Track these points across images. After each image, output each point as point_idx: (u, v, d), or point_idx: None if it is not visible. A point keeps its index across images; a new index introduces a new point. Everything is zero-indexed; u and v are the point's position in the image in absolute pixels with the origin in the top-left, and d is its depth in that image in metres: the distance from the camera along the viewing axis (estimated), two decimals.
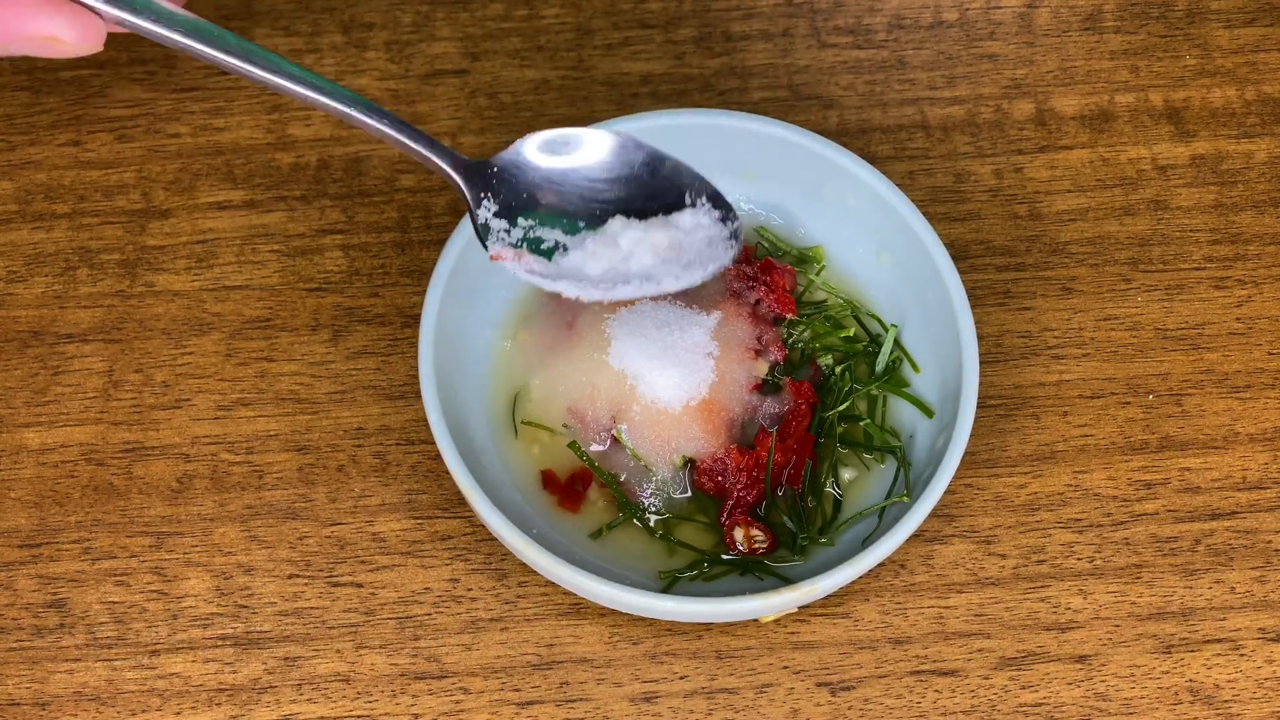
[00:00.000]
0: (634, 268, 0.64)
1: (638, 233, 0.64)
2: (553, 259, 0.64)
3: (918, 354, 0.69)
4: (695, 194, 0.65)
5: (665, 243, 0.64)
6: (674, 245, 0.64)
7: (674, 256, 0.64)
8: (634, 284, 0.63)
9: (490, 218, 0.63)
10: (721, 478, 0.66)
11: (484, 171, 0.64)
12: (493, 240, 0.63)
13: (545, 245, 0.64)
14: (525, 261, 0.63)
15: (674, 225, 0.65)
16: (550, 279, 0.63)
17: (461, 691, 0.65)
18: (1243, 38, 0.81)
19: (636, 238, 0.64)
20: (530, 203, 0.64)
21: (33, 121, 0.78)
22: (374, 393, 0.71)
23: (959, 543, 0.68)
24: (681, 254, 0.64)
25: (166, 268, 0.74)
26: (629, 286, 0.63)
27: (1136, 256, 0.75)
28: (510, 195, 0.64)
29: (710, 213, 0.65)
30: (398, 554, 0.68)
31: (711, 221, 0.65)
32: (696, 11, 0.81)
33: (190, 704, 0.65)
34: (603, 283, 0.63)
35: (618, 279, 0.64)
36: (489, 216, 0.63)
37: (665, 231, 0.64)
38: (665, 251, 0.64)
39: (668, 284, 0.63)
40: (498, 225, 0.64)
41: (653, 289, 0.63)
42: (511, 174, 0.64)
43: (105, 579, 0.67)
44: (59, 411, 0.71)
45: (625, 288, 0.63)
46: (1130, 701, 0.65)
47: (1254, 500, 0.69)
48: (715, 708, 0.65)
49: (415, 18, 0.81)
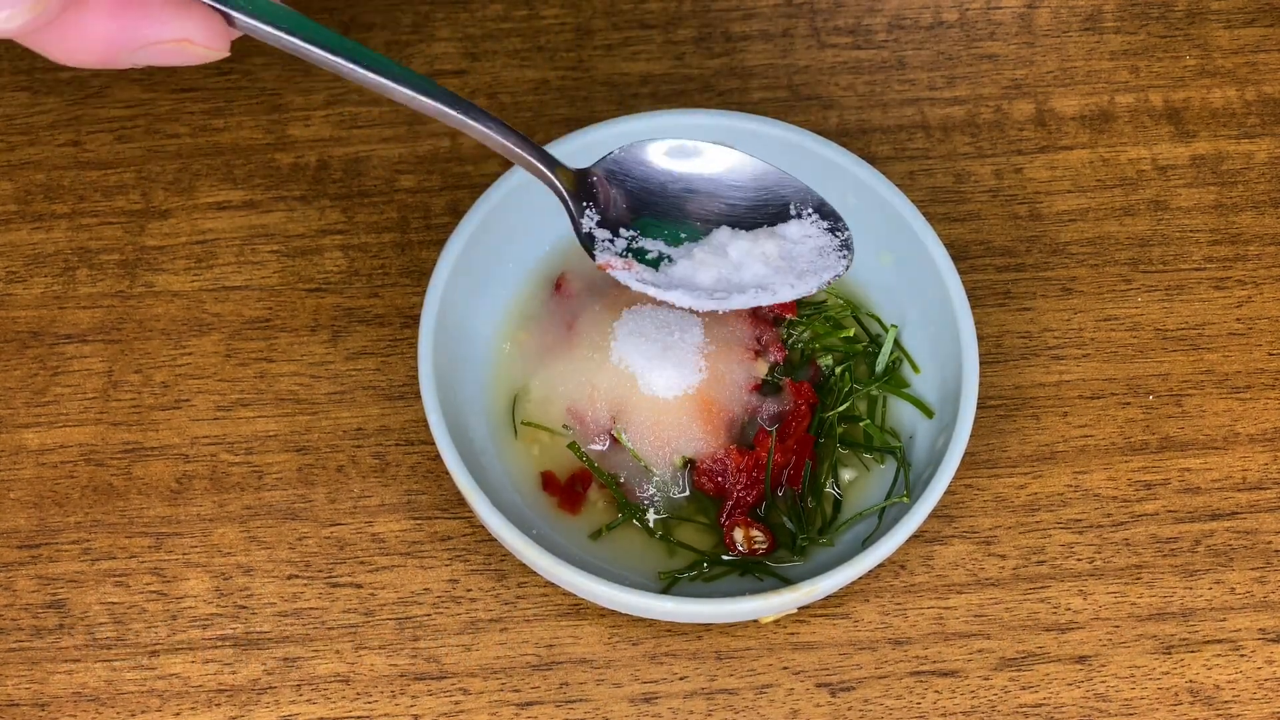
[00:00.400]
0: (747, 278, 0.63)
1: (745, 243, 0.63)
2: (659, 269, 0.63)
3: (918, 354, 0.69)
4: (800, 205, 0.64)
5: (775, 252, 0.63)
6: (785, 255, 0.63)
7: (786, 266, 0.63)
8: (750, 293, 0.62)
9: (594, 227, 0.62)
10: (721, 478, 0.66)
11: (585, 180, 0.63)
12: (599, 250, 0.62)
13: (649, 256, 0.63)
14: (635, 270, 0.62)
15: (781, 235, 0.64)
16: (662, 288, 0.62)
17: (461, 692, 0.65)
18: (1243, 38, 0.81)
19: (745, 248, 0.63)
20: (633, 213, 0.63)
21: (32, 121, 0.78)
22: (374, 393, 0.71)
23: (959, 543, 0.68)
24: (794, 263, 0.63)
25: (166, 268, 0.74)
26: (744, 296, 0.62)
27: (1136, 257, 0.75)
28: (612, 205, 0.63)
29: (818, 223, 0.64)
30: (397, 555, 0.68)
31: (819, 232, 0.63)
32: (696, 12, 0.81)
33: (190, 704, 0.65)
34: (717, 292, 0.62)
35: (732, 289, 0.62)
36: (592, 226, 0.62)
37: (773, 241, 0.63)
38: (777, 261, 0.63)
39: (784, 293, 0.62)
40: (601, 235, 0.62)
41: (769, 298, 0.62)
42: (614, 183, 0.63)
43: (105, 579, 0.67)
44: (58, 412, 0.71)
45: (741, 297, 0.62)
46: (1130, 702, 0.65)
47: (1254, 501, 0.69)
48: (715, 708, 0.65)
49: (415, 18, 0.81)
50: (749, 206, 0.64)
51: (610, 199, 0.63)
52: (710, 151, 0.64)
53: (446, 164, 0.77)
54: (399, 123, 0.78)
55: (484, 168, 0.76)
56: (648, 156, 0.64)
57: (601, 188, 0.63)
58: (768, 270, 0.63)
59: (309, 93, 0.78)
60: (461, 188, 0.76)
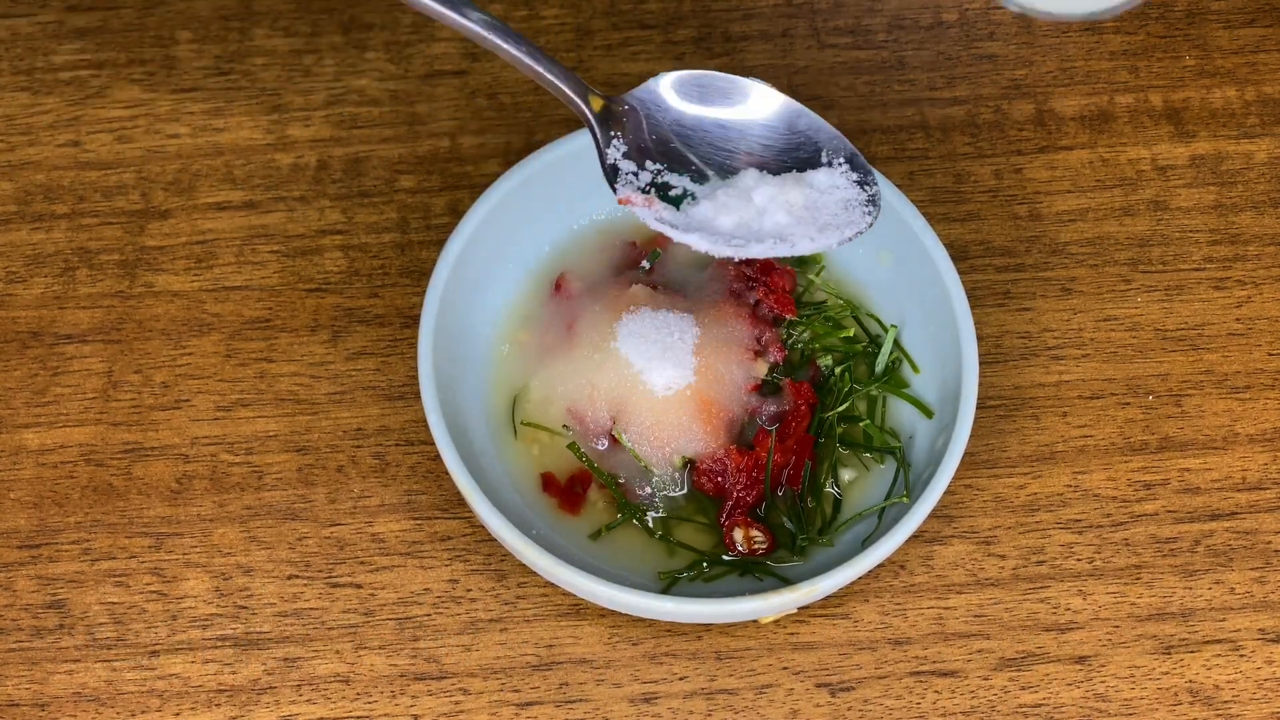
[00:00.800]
0: (767, 225, 0.61)
1: (771, 189, 0.61)
2: (680, 207, 0.61)
3: (917, 354, 0.69)
4: (833, 153, 0.62)
5: (800, 201, 0.61)
6: (809, 205, 0.61)
7: (809, 217, 0.61)
8: (768, 243, 0.60)
9: (619, 158, 0.61)
10: (721, 478, 0.66)
11: (616, 110, 0.61)
12: (621, 183, 0.61)
13: (673, 192, 0.62)
14: (655, 209, 0.61)
15: (808, 184, 0.62)
16: (680, 229, 0.61)
17: (461, 692, 0.65)
18: (1243, 38, 0.81)
19: (770, 194, 0.61)
20: (661, 146, 0.62)
21: (32, 122, 0.78)
22: (373, 393, 0.71)
23: (959, 543, 0.68)
24: (817, 214, 0.61)
25: (166, 268, 0.74)
26: (762, 245, 0.60)
27: (1136, 257, 0.75)
28: (641, 137, 0.61)
29: (847, 174, 0.62)
30: (397, 555, 0.68)
31: (848, 184, 0.62)
32: (696, 12, 0.81)
33: (190, 705, 0.65)
34: (735, 238, 0.61)
35: (750, 236, 0.61)
36: (618, 157, 0.61)
37: (800, 189, 0.62)
38: (800, 211, 0.61)
39: (802, 245, 0.61)
40: (626, 167, 0.61)
41: (786, 250, 0.60)
42: (644, 114, 0.62)
43: (105, 579, 0.67)
44: (58, 412, 0.71)
45: (758, 246, 0.60)
46: (1130, 702, 0.65)
47: (1254, 501, 0.69)
48: (715, 708, 0.65)
49: (415, 18, 0.81)
50: (780, 149, 0.63)
51: (640, 130, 0.62)
52: (747, 89, 0.63)
53: (446, 164, 0.77)
54: (399, 123, 0.78)
55: (484, 168, 0.76)
56: (684, 90, 0.63)
57: (632, 118, 0.62)
58: (790, 220, 0.61)
59: (309, 93, 0.78)
60: (461, 188, 0.76)
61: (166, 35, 0.80)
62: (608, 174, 0.61)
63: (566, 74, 0.61)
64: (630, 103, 0.62)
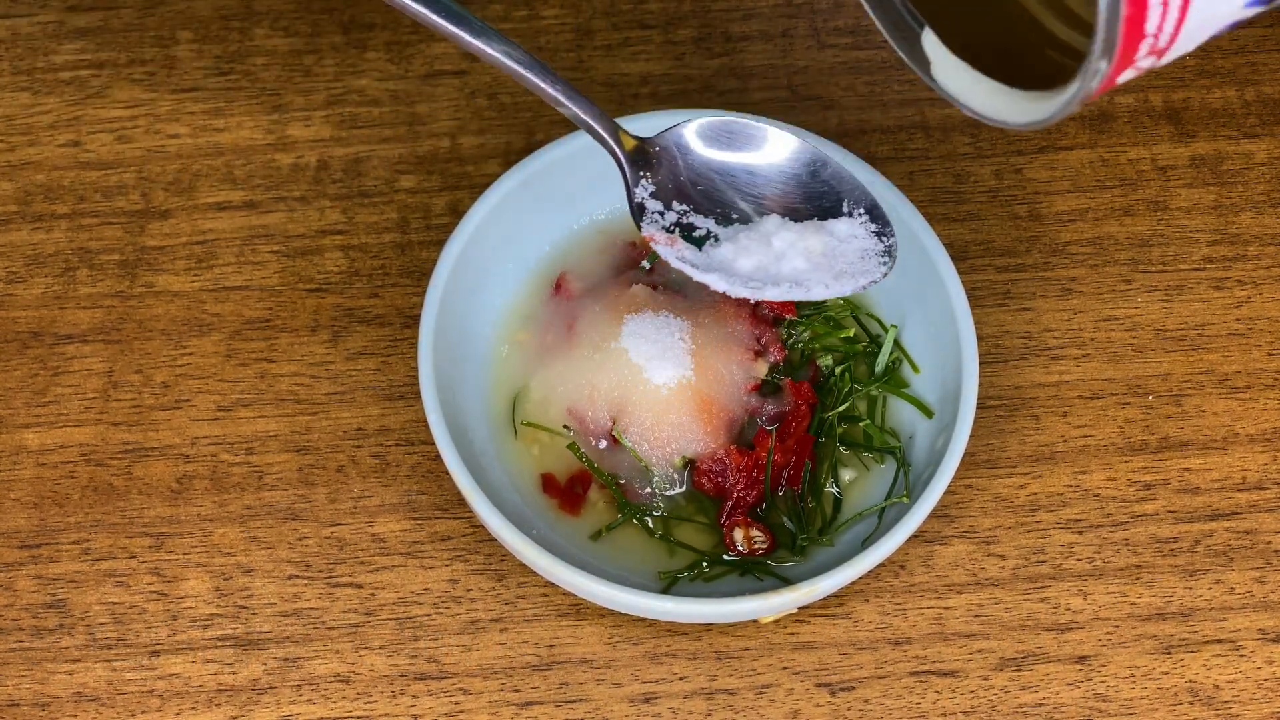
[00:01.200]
0: (785, 270, 0.63)
1: (792, 235, 0.63)
2: (702, 248, 0.64)
3: (917, 354, 0.69)
4: (854, 204, 0.64)
5: (819, 248, 0.63)
6: (827, 252, 0.63)
7: (825, 264, 0.63)
8: (784, 287, 0.62)
9: (646, 198, 0.64)
10: (721, 478, 0.66)
11: (648, 150, 0.63)
12: (647, 221, 0.63)
13: (697, 233, 0.64)
14: (678, 248, 0.63)
15: (828, 232, 0.64)
16: (700, 269, 0.63)
17: (461, 692, 0.65)
18: (1243, 38, 0.81)
19: (790, 240, 0.63)
20: (688, 188, 0.64)
21: (32, 122, 0.78)
22: (374, 393, 0.71)
23: (959, 543, 0.68)
24: (834, 262, 0.63)
25: (166, 268, 0.74)
26: (778, 289, 0.62)
27: (1136, 257, 0.75)
28: (669, 178, 0.64)
29: (867, 225, 0.64)
30: (397, 555, 0.68)
31: (866, 234, 0.64)
32: (696, 12, 0.81)
33: (190, 705, 0.65)
34: (752, 281, 0.63)
35: (767, 279, 0.63)
36: (645, 196, 0.64)
37: (819, 237, 0.64)
38: (818, 258, 0.63)
39: (817, 292, 0.62)
40: (653, 206, 0.63)
41: (801, 294, 0.62)
42: (672, 156, 0.64)
43: (105, 579, 0.67)
44: (59, 412, 0.71)
45: (774, 289, 0.62)
46: (1130, 702, 0.65)
47: (1254, 501, 0.69)
48: (715, 708, 0.65)
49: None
50: (804, 197, 0.65)
51: (669, 171, 0.64)
52: (775, 137, 0.65)
53: (446, 164, 0.77)
54: (399, 123, 0.78)
55: (484, 168, 0.76)
56: (713, 135, 0.64)
57: (662, 159, 0.64)
58: (807, 265, 0.63)
59: (309, 93, 0.78)
60: (461, 188, 0.76)
61: (166, 35, 0.80)
62: (634, 212, 0.63)
63: (599, 113, 0.63)
64: (661, 144, 0.64)
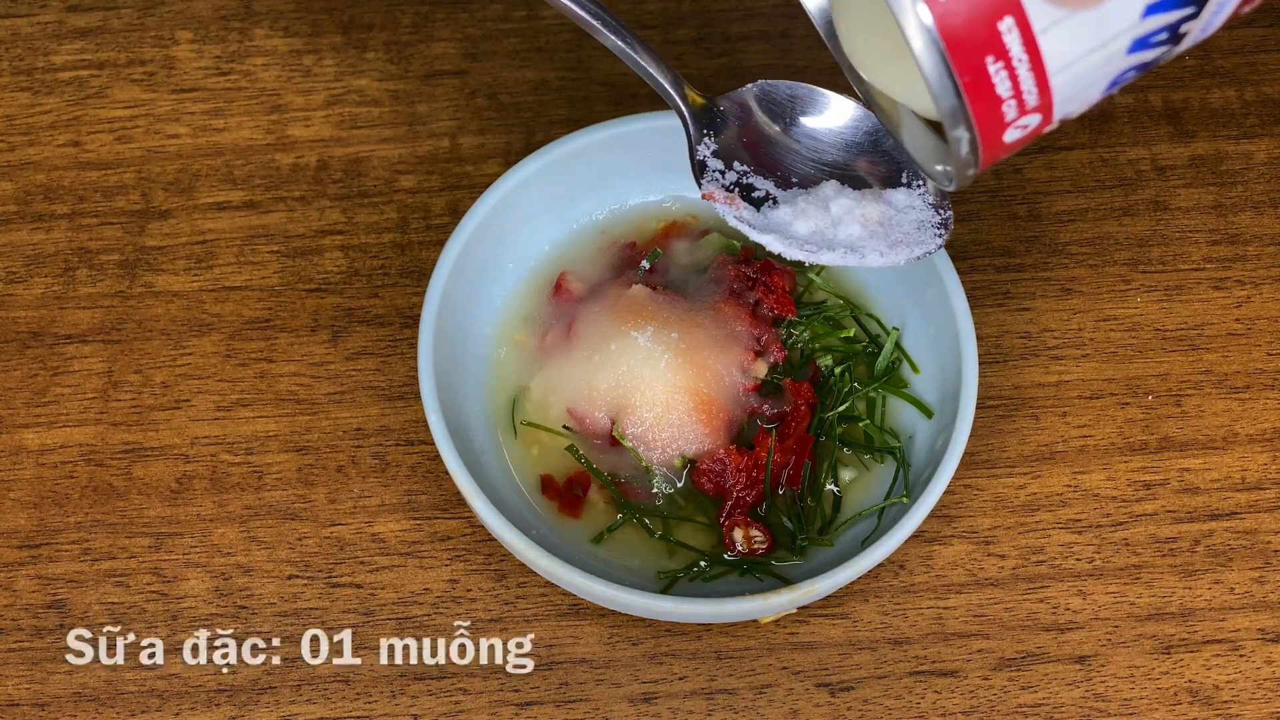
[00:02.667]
0: (841, 236, 0.63)
1: (850, 201, 0.63)
2: (760, 210, 0.64)
3: (917, 354, 0.69)
4: (914, 174, 0.64)
5: (876, 216, 0.63)
6: (884, 221, 0.63)
7: (882, 232, 0.63)
8: (839, 252, 0.62)
9: (708, 156, 0.64)
10: (721, 478, 0.66)
11: (710, 109, 0.63)
12: (708, 179, 0.63)
13: (756, 194, 0.64)
14: (736, 207, 0.63)
15: (887, 201, 0.63)
16: (758, 230, 0.62)
17: (461, 692, 0.65)
18: (1242, 38, 0.81)
19: (848, 206, 0.63)
20: (750, 150, 0.64)
21: (33, 122, 0.78)
22: (373, 393, 0.71)
23: (958, 543, 0.68)
24: (890, 231, 0.63)
25: (166, 268, 0.74)
26: (833, 254, 0.62)
27: (1136, 257, 0.75)
28: (732, 138, 0.64)
29: (925, 197, 0.64)
30: (397, 555, 0.68)
31: (924, 205, 0.63)
32: (696, 12, 0.81)
33: (190, 705, 0.65)
34: (809, 244, 0.62)
35: (823, 244, 0.62)
36: (707, 154, 0.64)
37: (877, 205, 0.63)
38: (875, 225, 0.63)
39: (872, 259, 0.62)
40: (714, 165, 0.63)
41: (856, 260, 0.62)
42: (736, 118, 0.64)
43: (105, 579, 0.67)
44: (58, 412, 0.71)
45: (829, 254, 0.62)
46: (1129, 702, 0.65)
47: (1253, 501, 0.69)
48: (715, 708, 0.65)
49: (414, 18, 0.81)
50: (864, 165, 0.65)
51: (733, 132, 0.64)
52: (838, 103, 0.65)
53: (446, 164, 0.77)
54: (399, 123, 0.78)
55: (484, 168, 0.76)
56: (778, 98, 0.65)
57: (726, 119, 0.64)
58: (863, 233, 0.63)
59: (309, 93, 0.78)
60: (461, 188, 0.76)
61: (166, 35, 0.80)
62: (695, 170, 0.63)
63: (667, 69, 0.63)
64: (726, 104, 0.64)
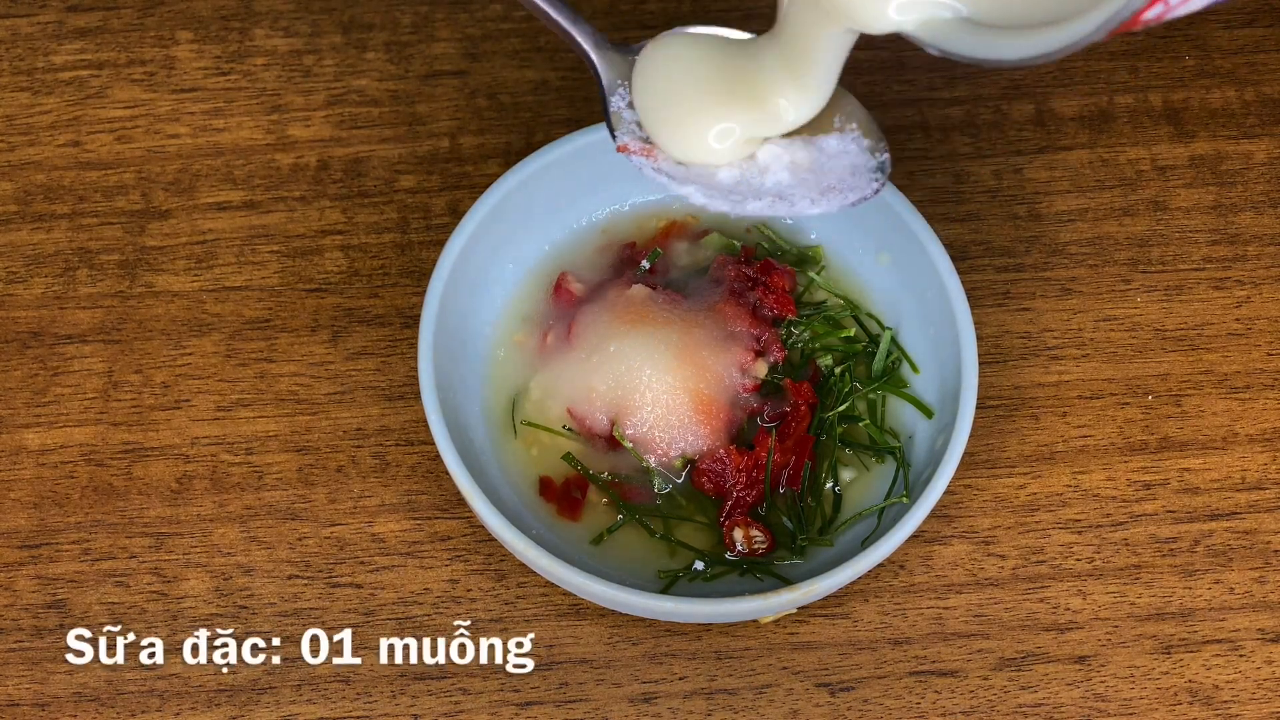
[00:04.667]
0: (768, 183, 0.60)
1: (777, 148, 0.61)
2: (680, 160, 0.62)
3: (917, 354, 0.69)
4: (845, 119, 0.61)
5: (806, 162, 0.61)
6: (815, 167, 0.61)
7: (812, 179, 0.60)
8: (766, 200, 0.60)
9: (624, 107, 0.62)
10: (721, 478, 0.66)
11: (625, 59, 0.62)
12: (623, 131, 0.61)
13: None
14: (654, 158, 0.61)
15: (817, 147, 0.61)
16: (678, 182, 0.60)
17: (461, 692, 0.65)
18: (1242, 38, 0.81)
19: (775, 152, 0.61)
20: None
21: (33, 122, 0.78)
22: (373, 393, 0.71)
23: (958, 543, 0.68)
24: (822, 177, 0.61)
25: (166, 268, 0.74)
26: (760, 203, 0.60)
27: (1136, 257, 0.75)
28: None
29: (858, 140, 0.61)
30: (397, 555, 0.68)
31: (859, 150, 0.61)
32: (696, 12, 0.81)
33: (190, 704, 0.65)
34: (733, 194, 0.60)
35: (749, 193, 0.60)
36: (622, 106, 0.62)
37: (807, 151, 0.61)
38: (805, 172, 0.60)
39: (802, 206, 0.60)
40: (630, 116, 0.62)
41: (785, 209, 0.60)
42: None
43: (105, 579, 0.67)
44: (59, 412, 0.71)
45: (756, 203, 0.60)
46: (1129, 702, 0.65)
47: (1253, 501, 0.69)
48: (715, 708, 0.65)
49: (415, 18, 0.81)
50: None
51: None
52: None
53: (446, 164, 0.77)
54: (399, 123, 0.78)
55: (484, 168, 0.76)
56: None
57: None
58: (792, 180, 0.60)
59: (309, 93, 0.78)
60: (461, 188, 0.76)
61: (166, 35, 0.80)
62: (609, 122, 0.61)
63: (579, 20, 0.61)
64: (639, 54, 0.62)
